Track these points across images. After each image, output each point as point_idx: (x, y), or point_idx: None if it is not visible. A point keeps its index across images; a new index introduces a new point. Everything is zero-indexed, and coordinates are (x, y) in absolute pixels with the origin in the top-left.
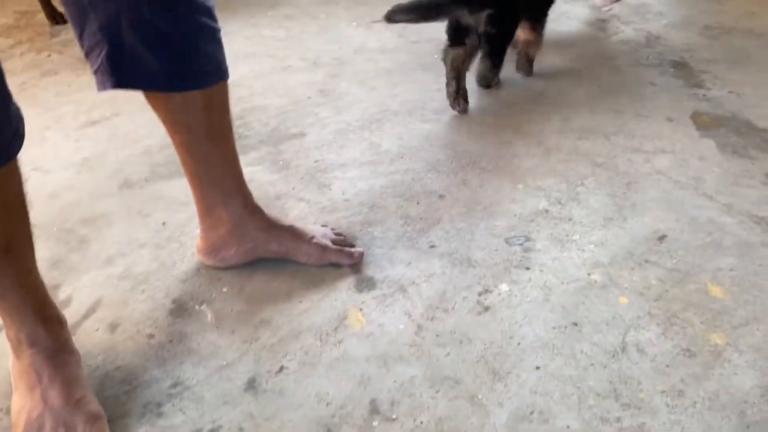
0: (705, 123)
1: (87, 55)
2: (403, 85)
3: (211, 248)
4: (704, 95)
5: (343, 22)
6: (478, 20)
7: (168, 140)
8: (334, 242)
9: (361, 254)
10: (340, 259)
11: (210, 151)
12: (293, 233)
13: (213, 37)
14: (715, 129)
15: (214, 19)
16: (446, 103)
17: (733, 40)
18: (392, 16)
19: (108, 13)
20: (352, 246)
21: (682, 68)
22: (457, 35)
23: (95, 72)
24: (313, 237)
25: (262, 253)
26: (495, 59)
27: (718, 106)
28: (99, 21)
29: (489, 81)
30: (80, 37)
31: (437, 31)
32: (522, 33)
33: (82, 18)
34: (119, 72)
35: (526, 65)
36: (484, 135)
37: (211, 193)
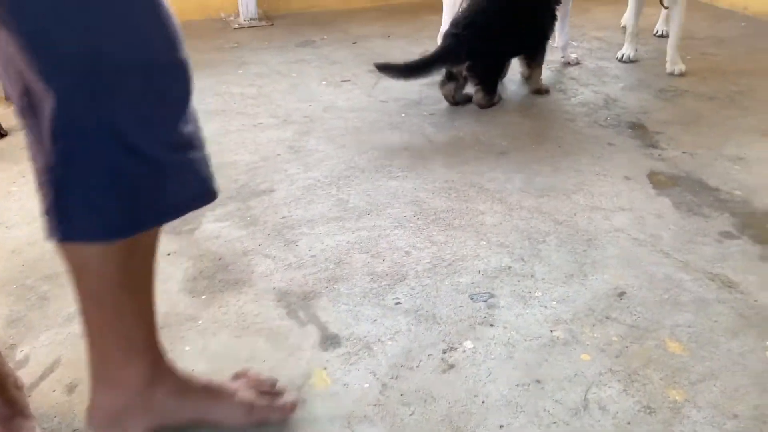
0: (661, 182)
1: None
2: (371, 142)
3: (105, 417)
4: (660, 155)
5: (313, 81)
6: (460, 69)
7: None
8: (261, 391)
9: (294, 405)
10: (270, 414)
11: (123, 300)
12: (211, 393)
13: (192, 168)
14: (671, 188)
15: (195, 147)
16: (413, 160)
17: (687, 103)
18: (384, 69)
19: (56, 153)
20: (281, 392)
21: (639, 129)
22: (450, 73)
23: (44, 212)
24: (234, 394)
25: (174, 421)
26: (486, 90)
27: (673, 166)
28: (46, 160)
29: (485, 106)
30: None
31: (405, 91)
32: (521, 67)
33: (31, 148)
34: (66, 223)
35: (538, 92)
36: (449, 192)
37: (114, 349)
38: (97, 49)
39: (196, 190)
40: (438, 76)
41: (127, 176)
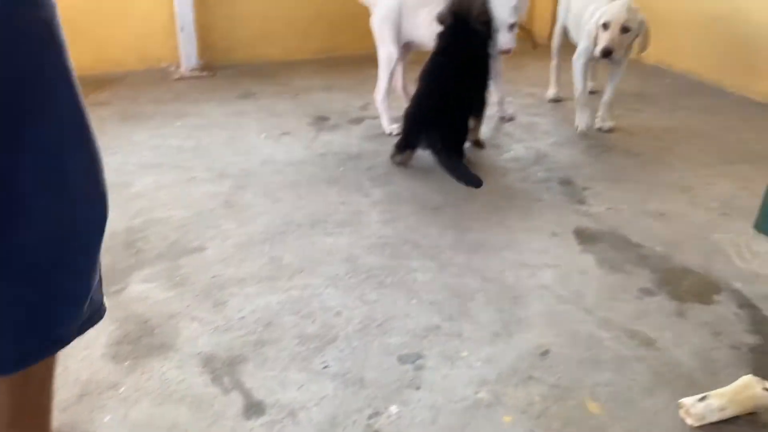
0: (586, 238)
1: None
2: (308, 197)
3: None
4: (586, 211)
5: (252, 134)
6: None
7: None
8: None
9: None
10: None
11: None
12: None
13: (90, 292)
14: (595, 244)
15: (97, 271)
16: (349, 215)
17: (613, 159)
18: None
19: None
20: None
21: (567, 185)
22: (407, 143)
23: None
24: None
25: None
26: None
27: (598, 222)
28: None
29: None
30: None
31: (343, 144)
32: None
33: None
34: None
35: (477, 144)
36: (384, 248)
37: None
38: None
39: (91, 313)
40: (376, 130)
41: (23, 303)
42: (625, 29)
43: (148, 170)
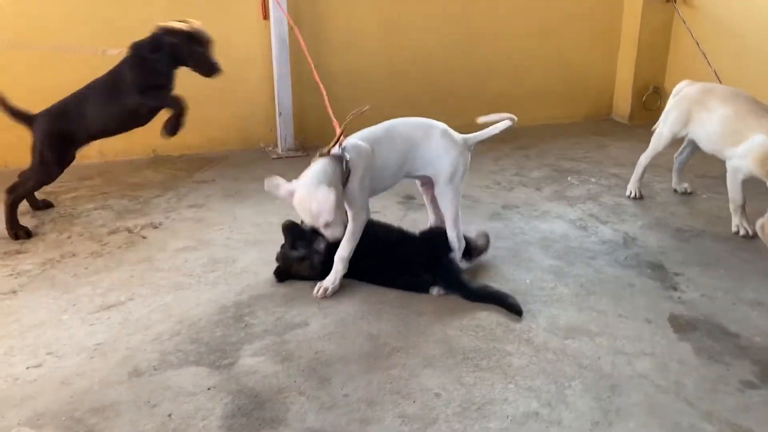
0: (681, 326)
1: None
2: None
3: None
4: (679, 297)
5: None
6: None
7: (179, 327)
8: None
9: None
10: None
11: None
12: None
13: None
14: (691, 332)
15: None
16: (439, 295)
17: (704, 243)
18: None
19: None
20: None
21: (658, 270)
22: None
23: None
24: None
25: None
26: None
27: (693, 309)
28: None
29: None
30: None
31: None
32: None
33: None
34: None
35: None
36: (477, 330)
37: None
38: None
39: None
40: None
41: None
42: None
43: (251, 246)
